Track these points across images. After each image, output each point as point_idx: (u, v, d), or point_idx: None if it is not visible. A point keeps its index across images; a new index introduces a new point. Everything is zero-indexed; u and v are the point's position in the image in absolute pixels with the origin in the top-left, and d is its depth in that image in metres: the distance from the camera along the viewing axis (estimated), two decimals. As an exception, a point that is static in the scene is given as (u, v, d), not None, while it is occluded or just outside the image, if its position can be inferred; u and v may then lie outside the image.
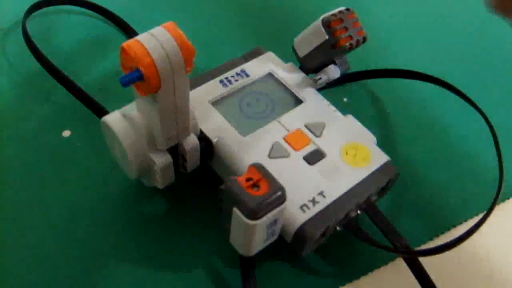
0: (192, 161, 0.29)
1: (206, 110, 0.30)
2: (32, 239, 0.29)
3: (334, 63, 0.32)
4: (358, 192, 0.28)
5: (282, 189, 0.24)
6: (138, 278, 0.28)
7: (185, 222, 0.31)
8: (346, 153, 0.29)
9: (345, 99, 0.39)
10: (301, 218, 0.26)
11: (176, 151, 0.28)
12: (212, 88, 0.32)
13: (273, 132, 0.30)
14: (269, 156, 0.29)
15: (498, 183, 0.29)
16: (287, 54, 0.34)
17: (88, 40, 0.41)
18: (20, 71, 0.38)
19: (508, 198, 0.35)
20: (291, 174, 0.28)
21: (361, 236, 0.28)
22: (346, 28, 0.31)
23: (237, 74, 0.33)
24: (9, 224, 0.30)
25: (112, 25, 0.42)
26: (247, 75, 0.33)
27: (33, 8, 0.40)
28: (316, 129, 0.30)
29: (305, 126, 0.30)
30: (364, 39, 0.32)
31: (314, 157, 0.29)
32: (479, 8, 0.50)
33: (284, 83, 0.33)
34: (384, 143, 0.37)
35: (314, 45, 0.32)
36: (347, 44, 0.31)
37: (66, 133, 0.34)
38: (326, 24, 0.31)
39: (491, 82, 0.43)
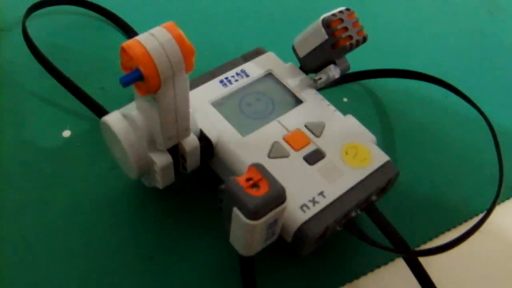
0: (192, 161, 0.29)
1: (206, 110, 0.30)
2: (32, 239, 0.29)
3: (334, 63, 0.32)
4: (358, 192, 0.28)
5: (282, 189, 0.24)
6: (138, 278, 0.28)
7: (185, 222, 0.31)
8: (346, 153, 0.29)
9: (345, 99, 0.39)
10: (301, 218, 0.26)
11: (176, 151, 0.28)
12: (212, 88, 0.32)
13: (273, 132, 0.30)
14: (269, 156, 0.29)
15: (498, 183, 0.29)
16: (287, 54, 0.34)
17: (88, 40, 0.41)
18: (20, 71, 0.38)
19: (508, 198, 0.35)
20: (291, 174, 0.28)
21: (361, 236, 0.28)
22: (346, 28, 0.31)
23: (237, 74, 0.33)
24: (9, 224, 0.30)
25: (112, 25, 0.42)
26: (247, 75, 0.33)
27: (33, 8, 0.40)
28: (316, 129, 0.30)
29: (305, 126, 0.30)
30: (364, 39, 0.32)
31: (314, 157, 0.29)
32: (479, 8, 0.50)
33: (284, 83, 0.33)
34: (384, 143, 0.37)
35: (314, 45, 0.32)
36: (347, 44, 0.31)
37: (66, 133, 0.34)
38: (326, 24, 0.31)
39: (491, 82, 0.43)
